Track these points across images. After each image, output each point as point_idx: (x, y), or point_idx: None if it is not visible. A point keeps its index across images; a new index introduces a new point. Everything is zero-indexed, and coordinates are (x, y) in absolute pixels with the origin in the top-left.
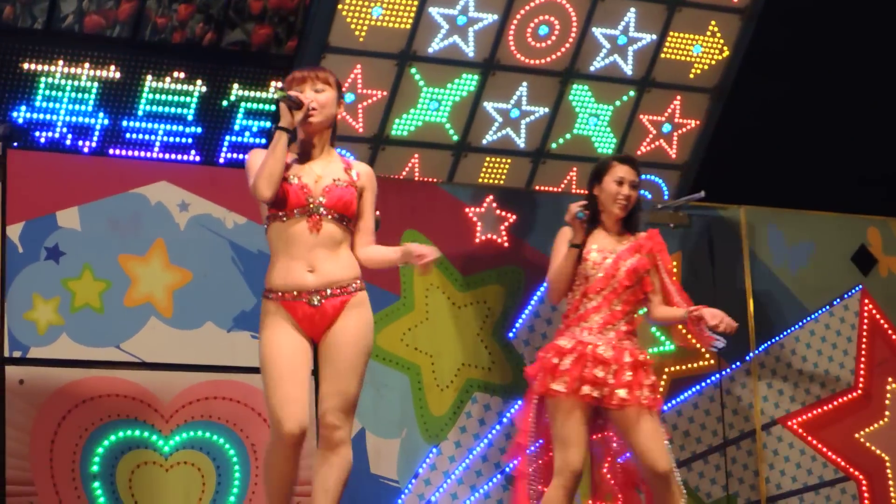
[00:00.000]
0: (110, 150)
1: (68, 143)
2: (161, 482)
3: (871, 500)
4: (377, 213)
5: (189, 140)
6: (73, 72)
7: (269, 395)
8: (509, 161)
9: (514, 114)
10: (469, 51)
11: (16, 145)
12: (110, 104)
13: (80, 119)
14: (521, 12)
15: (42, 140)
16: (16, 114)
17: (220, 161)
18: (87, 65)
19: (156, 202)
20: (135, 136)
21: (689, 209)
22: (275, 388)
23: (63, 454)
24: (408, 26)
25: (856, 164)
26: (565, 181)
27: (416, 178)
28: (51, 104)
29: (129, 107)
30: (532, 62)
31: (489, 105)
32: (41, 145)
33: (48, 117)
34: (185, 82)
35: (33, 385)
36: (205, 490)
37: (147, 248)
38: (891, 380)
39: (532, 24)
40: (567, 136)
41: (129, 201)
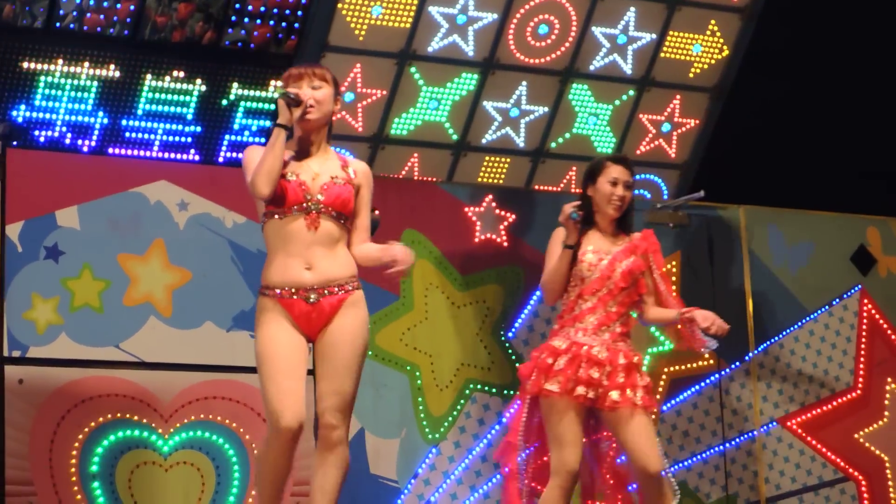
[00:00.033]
0: (110, 150)
1: (68, 142)
2: (160, 482)
3: (870, 501)
4: (377, 212)
5: (189, 139)
6: (72, 71)
7: (267, 390)
8: (509, 160)
9: (514, 113)
10: (469, 50)
11: (15, 144)
12: (110, 103)
13: (79, 118)
14: (521, 11)
15: (41, 139)
16: (15, 112)
17: (220, 160)
18: (86, 64)
19: (155, 201)
20: (134, 135)
21: (688, 209)
22: (273, 383)
23: (62, 454)
24: (407, 25)
25: (855, 164)
26: (565, 180)
27: (416, 178)
28: (50, 103)
29: (128, 106)
30: (532, 61)
31: (489, 104)
32: (40, 144)
33: (48, 116)
34: (185, 81)
35: (32, 385)
36: (204, 490)
37: (146, 248)
38: (890, 380)
39: (532, 24)
40: (566, 135)
41: (128, 201)
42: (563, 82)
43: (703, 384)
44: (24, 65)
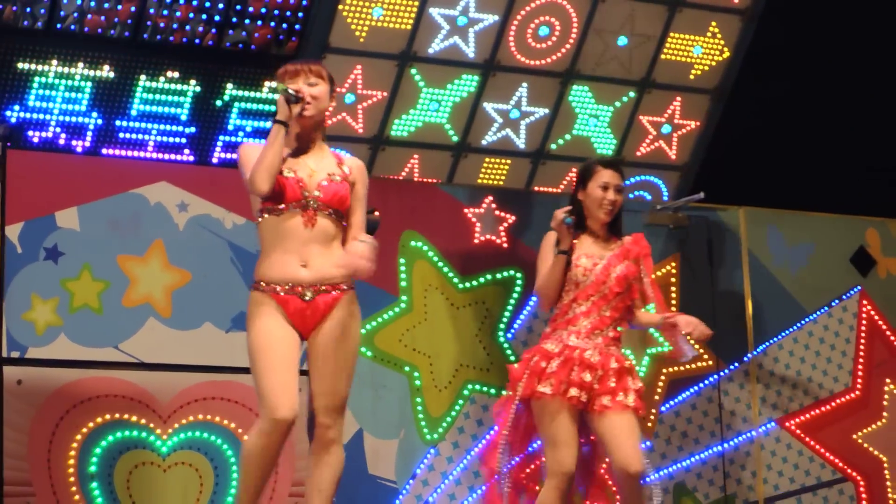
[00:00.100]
0: (103, 150)
1: (62, 142)
2: (159, 483)
3: (868, 501)
4: (377, 213)
5: (183, 140)
6: (66, 71)
7: (261, 383)
8: (509, 162)
9: (514, 114)
10: (469, 51)
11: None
12: (104, 103)
13: (73, 118)
14: (522, 13)
15: (35, 139)
16: (9, 113)
17: (214, 161)
18: (80, 64)
19: (155, 203)
20: (128, 135)
21: (688, 210)
22: (268, 376)
23: (61, 454)
24: (408, 27)
25: (855, 165)
26: (565, 182)
27: (416, 179)
28: (44, 103)
29: (122, 106)
30: (532, 63)
31: (489, 106)
32: (34, 145)
33: (41, 117)
34: (179, 82)
35: (31, 385)
36: (202, 491)
37: (146, 249)
38: (889, 381)
39: (532, 25)
40: (567, 136)
41: (128, 202)
42: (563, 84)
43: (701, 385)
44: (18, 65)
